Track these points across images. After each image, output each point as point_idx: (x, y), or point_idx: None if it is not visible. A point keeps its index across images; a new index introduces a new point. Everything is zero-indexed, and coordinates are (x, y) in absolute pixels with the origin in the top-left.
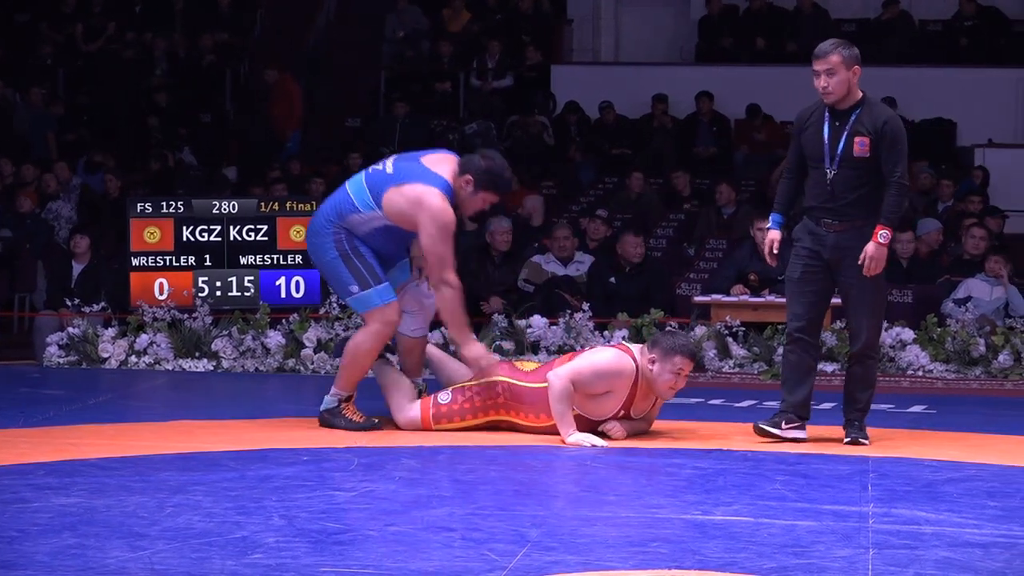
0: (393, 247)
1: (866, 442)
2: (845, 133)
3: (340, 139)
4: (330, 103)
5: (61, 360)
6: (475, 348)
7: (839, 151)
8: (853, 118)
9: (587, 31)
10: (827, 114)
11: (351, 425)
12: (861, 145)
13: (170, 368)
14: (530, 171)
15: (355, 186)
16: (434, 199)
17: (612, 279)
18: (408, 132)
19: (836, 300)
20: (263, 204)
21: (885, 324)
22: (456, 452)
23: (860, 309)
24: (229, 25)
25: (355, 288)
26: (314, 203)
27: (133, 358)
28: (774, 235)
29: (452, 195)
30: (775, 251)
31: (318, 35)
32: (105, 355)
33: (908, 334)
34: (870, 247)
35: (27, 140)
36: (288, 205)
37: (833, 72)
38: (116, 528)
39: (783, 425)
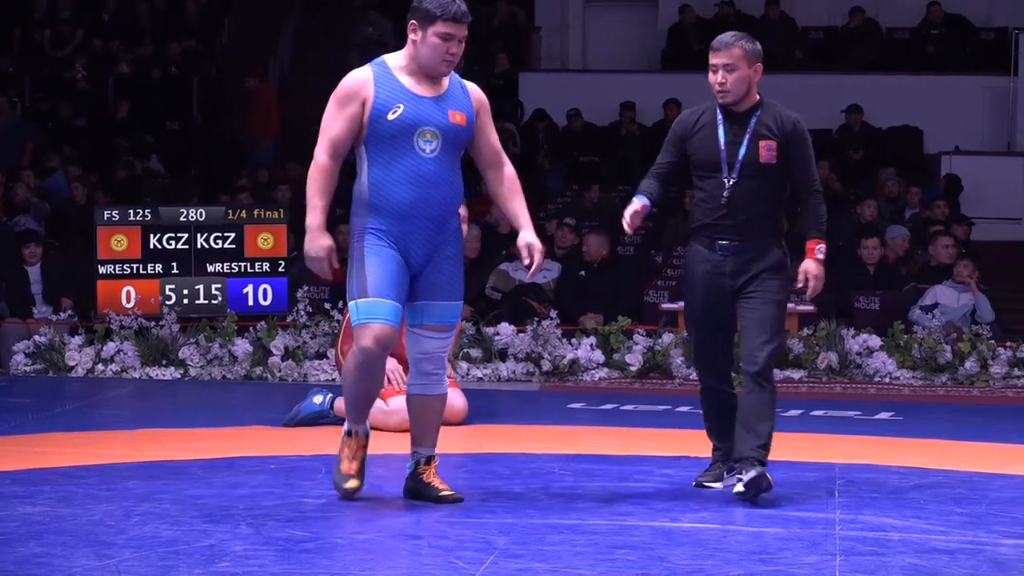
0: (403, 194)
1: (771, 481)
2: (747, 137)
3: (308, 147)
4: (298, 111)
5: (27, 368)
6: (318, 241)
7: (740, 158)
8: (754, 120)
9: (555, 39)
10: (720, 116)
11: (335, 475)
12: (768, 150)
13: (137, 376)
14: None
15: None
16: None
17: (582, 272)
18: None
19: (806, 307)
20: (231, 212)
21: (851, 331)
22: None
23: (760, 328)
24: (196, 33)
25: (348, 295)
26: (282, 211)
27: (100, 366)
28: (638, 203)
29: (390, 70)
30: (632, 219)
31: (286, 43)
32: (72, 363)
33: (875, 341)
34: (811, 266)
35: None
36: (255, 213)
37: (733, 67)
38: (82, 537)
39: (725, 478)
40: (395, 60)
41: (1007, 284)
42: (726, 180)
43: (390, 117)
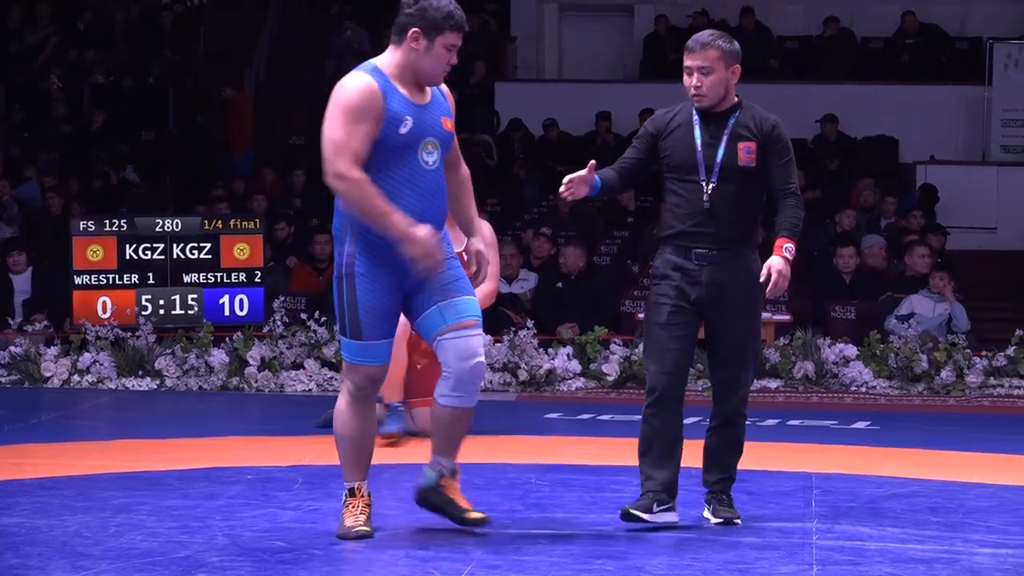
0: (401, 203)
1: (739, 521)
2: (725, 138)
3: (284, 157)
4: (274, 120)
5: (3, 379)
6: (420, 229)
7: (719, 160)
8: (732, 121)
9: (531, 48)
10: (697, 117)
11: (341, 530)
12: (747, 152)
13: (113, 387)
14: (475, 189)
15: None
16: (345, 80)
17: (559, 284)
18: None
19: (782, 317)
20: (207, 222)
21: (827, 340)
22: (400, 470)
23: (736, 358)
24: (172, 42)
25: (337, 327)
26: (258, 221)
27: (76, 377)
28: (586, 171)
29: (389, 78)
30: (573, 181)
31: (262, 52)
32: (48, 374)
33: (851, 350)
34: (776, 261)
35: None
36: (232, 223)
37: (710, 70)
38: (59, 548)
39: (654, 509)
40: (389, 68)
41: (983, 294)
42: (704, 184)
43: (402, 131)
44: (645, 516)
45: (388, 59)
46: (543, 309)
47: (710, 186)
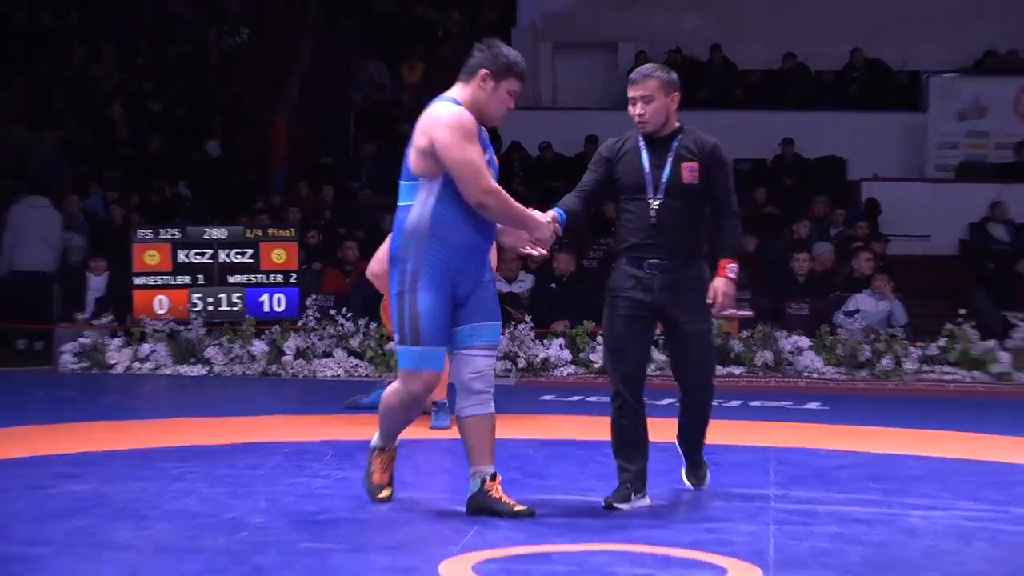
0: (466, 228)
1: (703, 486)
2: (670, 159)
3: (314, 174)
4: (305, 142)
5: (74, 366)
6: (539, 217)
7: (664, 180)
8: (676, 144)
9: (528, 81)
10: (643, 143)
11: (367, 483)
12: (691, 171)
13: (169, 373)
14: None
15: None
16: (443, 109)
17: (553, 285)
18: (374, 168)
19: (745, 313)
20: (248, 231)
21: (784, 333)
22: (416, 445)
23: (694, 353)
24: (218, 74)
25: (396, 336)
26: (292, 230)
27: (136, 364)
28: (551, 214)
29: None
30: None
31: (295, 83)
32: (112, 362)
33: (804, 341)
34: (720, 283)
35: (40, 177)
36: (270, 232)
37: (651, 99)
38: (123, 510)
39: (631, 499)
40: (464, 104)
41: (918, 293)
42: (652, 201)
43: (486, 157)
44: (624, 507)
45: (460, 94)
46: (539, 307)
47: (656, 203)
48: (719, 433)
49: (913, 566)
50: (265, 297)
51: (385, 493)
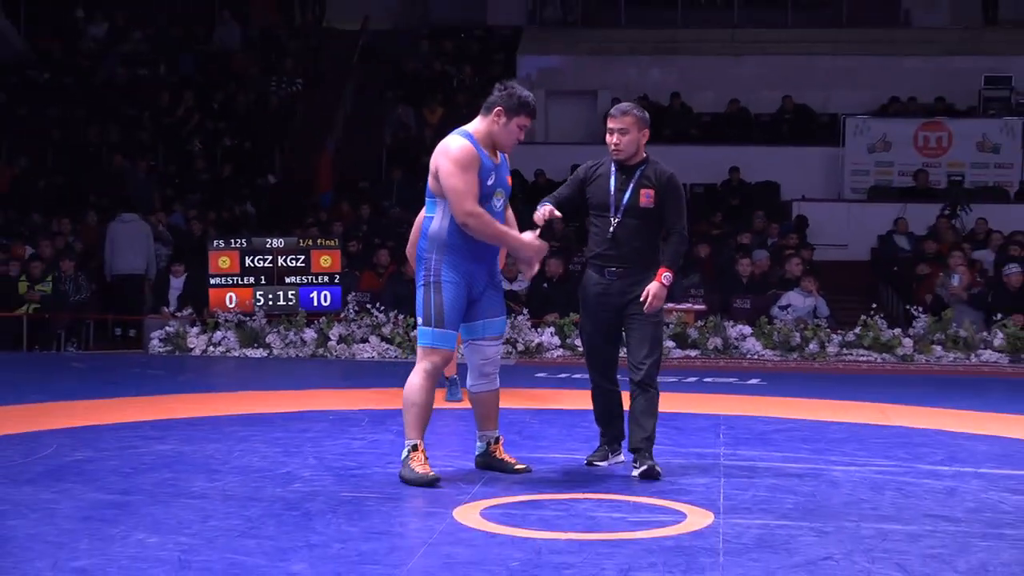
0: (475, 239)
1: (659, 470)
2: (631, 185)
3: (354, 196)
4: (347, 170)
5: (161, 350)
6: (525, 236)
7: (624, 202)
8: (639, 173)
9: None
10: (614, 169)
11: (412, 475)
12: (647, 197)
13: (237, 355)
14: None
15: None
16: (451, 142)
17: (545, 284)
18: (402, 191)
19: (699, 307)
20: (301, 241)
21: (731, 323)
22: (435, 414)
23: (643, 344)
24: (276, 117)
25: (420, 319)
26: (336, 240)
27: (211, 348)
28: (547, 208)
29: (477, 142)
30: (543, 214)
31: (338, 124)
32: (191, 346)
33: (747, 330)
34: (653, 286)
35: (134, 198)
36: (319, 241)
37: (626, 131)
38: (199, 466)
39: (609, 457)
40: (477, 134)
41: (838, 291)
42: (612, 219)
43: (488, 182)
44: (603, 463)
45: (476, 126)
46: (534, 301)
47: (616, 220)
48: (679, 404)
49: (836, 511)
50: (314, 294)
51: (434, 475)
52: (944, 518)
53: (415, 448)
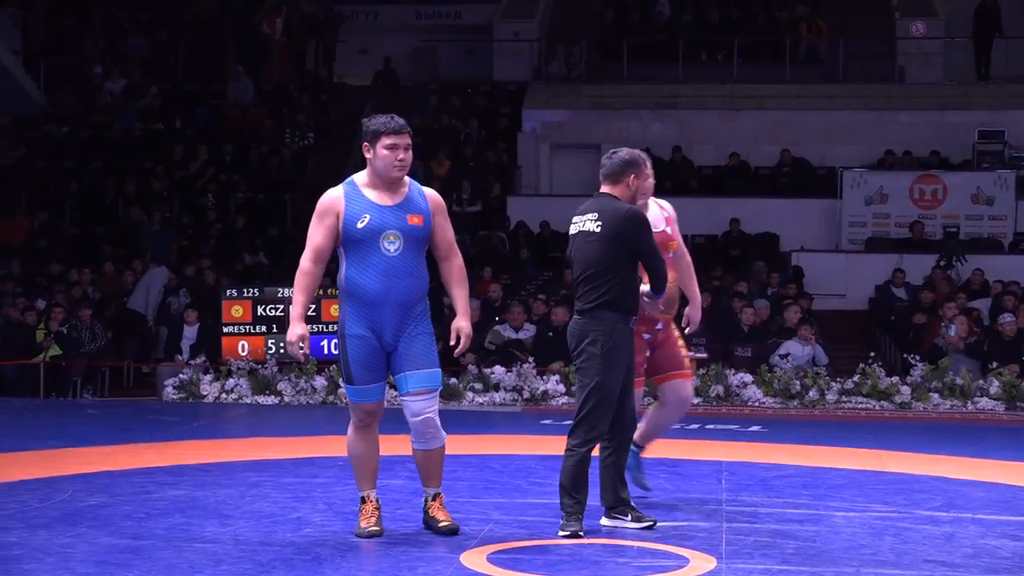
0: (374, 287)
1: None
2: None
3: None
4: None
5: (174, 397)
6: (294, 330)
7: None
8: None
9: (532, 173)
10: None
11: (357, 529)
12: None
13: (249, 402)
14: (493, 269)
15: None
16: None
17: (550, 333)
18: None
19: (701, 355)
20: None
21: (732, 371)
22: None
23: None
24: (289, 170)
25: (341, 371)
26: None
27: (223, 395)
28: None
29: (359, 186)
30: None
31: (348, 176)
32: (204, 393)
33: (748, 378)
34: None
35: (150, 247)
36: (328, 291)
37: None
38: (211, 511)
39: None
40: (361, 178)
41: (836, 339)
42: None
43: (359, 225)
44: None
45: (364, 171)
46: (540, 350)
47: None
48: (681, 450)
49: (836, 557)
50: (325, 342)
51: (374, 530)
52: (943, 563)
53: (362, 501)
